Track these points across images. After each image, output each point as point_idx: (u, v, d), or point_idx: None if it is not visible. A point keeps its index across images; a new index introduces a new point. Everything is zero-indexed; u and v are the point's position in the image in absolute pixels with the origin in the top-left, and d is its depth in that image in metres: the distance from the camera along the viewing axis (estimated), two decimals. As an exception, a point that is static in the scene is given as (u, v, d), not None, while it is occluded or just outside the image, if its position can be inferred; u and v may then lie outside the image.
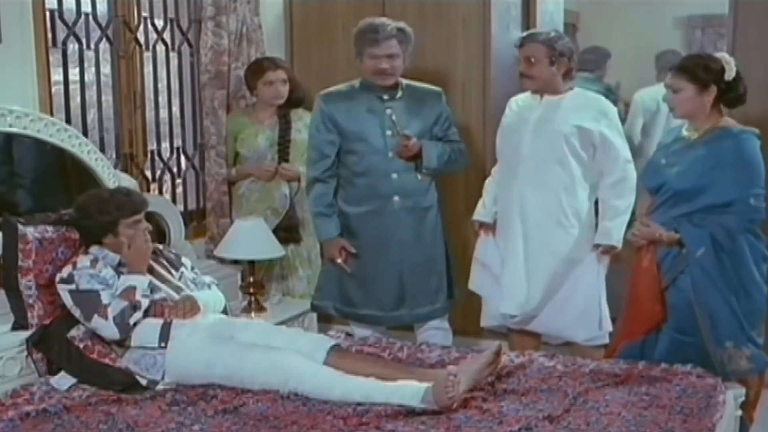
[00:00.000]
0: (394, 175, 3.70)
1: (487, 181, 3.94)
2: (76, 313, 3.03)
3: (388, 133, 3.69)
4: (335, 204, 3.78)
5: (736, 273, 3.13)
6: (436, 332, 3.85)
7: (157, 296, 3.13)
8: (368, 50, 3.64)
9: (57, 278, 3.07)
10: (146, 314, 3.06)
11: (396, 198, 3.71)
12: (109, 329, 2.98)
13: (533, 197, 3.67)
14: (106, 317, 2.97)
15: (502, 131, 3.84)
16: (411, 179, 3.73)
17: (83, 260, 3.08)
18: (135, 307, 3.01)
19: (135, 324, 3.02)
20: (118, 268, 3.12)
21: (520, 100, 3.82)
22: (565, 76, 3.67)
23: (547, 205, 3.65)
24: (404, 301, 3.78)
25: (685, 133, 3.30)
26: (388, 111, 3.70)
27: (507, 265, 3.77)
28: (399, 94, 3.74)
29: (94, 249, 3.15)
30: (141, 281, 3.06)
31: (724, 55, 3.23)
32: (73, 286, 3.03)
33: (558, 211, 3.65)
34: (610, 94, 5.31)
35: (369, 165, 3.72)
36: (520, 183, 3.69)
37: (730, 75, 3.17)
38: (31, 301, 3.10)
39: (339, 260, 3.75)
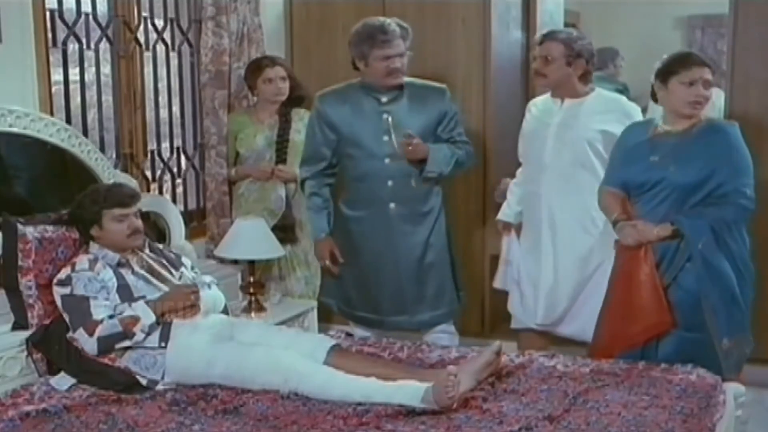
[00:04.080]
0: (390, 182, 3.64)
1: (512, 182, 3.90)
2: (66, 318, 3.03)
3: (385, 138, 3.60)
4: (328, 204, 3.76)
5: (735, 262, 3.14)
6: (442, 335, 3.79)
7: (156, 296, 3.12)
8: (378, 52, 3.53)
9: (54, 280, 3.06)
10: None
11: (392, 205, 3.65)
12: (89, 345, 2.96)
13: (560, 204, 3.63)
14: (91, 333, 2.95)
15: (523, 136, 3.79)
16: (408, 186, 3.64)
17: (82, 261, 3.08)
18: (127, 336, 2.97)
19: (122, 348, 2.99)
20: (118, 269, 3.12)
21: (540, 103, 3.77)
22: (581, 78, 3.62)
23: (575, 211, 3.62)
24: (405, 307, 3.72)
25: (666, 127, 3.27)
26: (385, 115, 3.60)
27: (537, 272, 3.73)
28: (400, 94, 3.64)
29: (94, 248, 3.15)
30: (149, 316, 3.00)
31: None
32: (67, 290, 3.02)
33: (585, 216, 3.60)
34: (626, 92, 5.28)
35: (365, 170, 3.66)
36: (545, 190, 3.65)
37: None
38: (31, 301, 3.09)
39: (327, 262, 3.74)
